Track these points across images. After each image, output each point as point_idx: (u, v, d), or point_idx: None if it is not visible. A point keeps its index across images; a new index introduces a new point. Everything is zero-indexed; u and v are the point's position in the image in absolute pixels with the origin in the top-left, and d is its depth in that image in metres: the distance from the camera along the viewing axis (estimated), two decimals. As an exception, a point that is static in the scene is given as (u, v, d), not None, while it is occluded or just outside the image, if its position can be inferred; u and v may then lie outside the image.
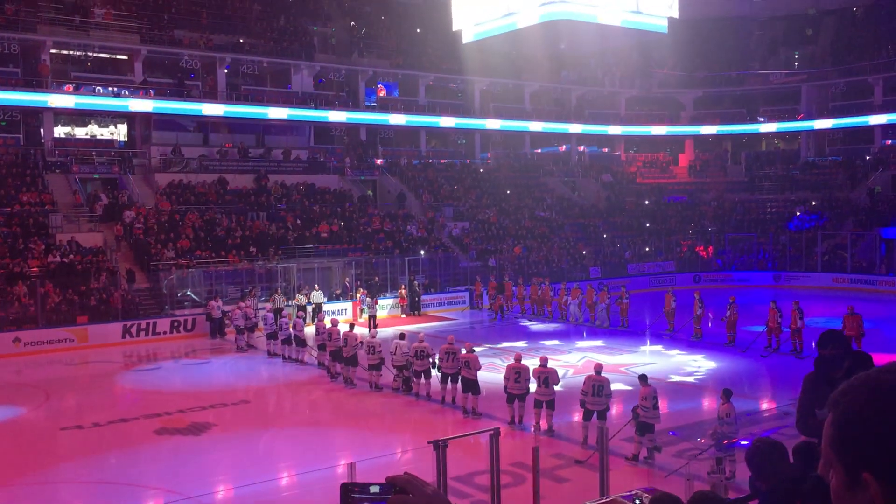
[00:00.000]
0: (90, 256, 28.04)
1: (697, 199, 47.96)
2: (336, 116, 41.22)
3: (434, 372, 17.40)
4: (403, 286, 31.31)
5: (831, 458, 1.29)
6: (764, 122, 51.17)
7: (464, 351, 16.45)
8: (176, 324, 26.68)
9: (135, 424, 16.13)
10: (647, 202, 47.41)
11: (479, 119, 46.38)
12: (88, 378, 21.71)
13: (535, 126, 48.26)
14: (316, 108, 40.63)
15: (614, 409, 15.22)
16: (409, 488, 1.52)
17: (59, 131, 35.65)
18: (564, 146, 51.72)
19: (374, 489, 1.54)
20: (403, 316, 30.45)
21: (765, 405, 17.64)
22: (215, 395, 18.75)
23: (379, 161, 43.02)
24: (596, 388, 13.93)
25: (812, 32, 53.22)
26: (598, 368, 14.46)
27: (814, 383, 4.78)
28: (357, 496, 1.55)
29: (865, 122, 47.00)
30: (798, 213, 43.77)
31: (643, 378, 13.61)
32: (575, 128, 49.57)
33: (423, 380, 17.57)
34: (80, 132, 36.59)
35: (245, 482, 13.00)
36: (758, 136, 53.27)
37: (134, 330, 25.83)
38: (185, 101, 37.01)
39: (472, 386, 16.03)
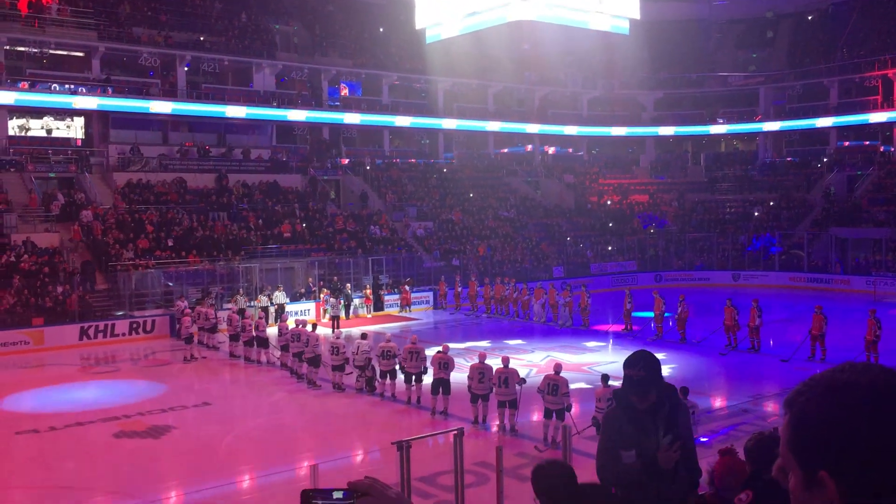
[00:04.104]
0: (46, 257, 27.48)
1: (658, 199, 48.55)
2: (296, 115, 40.82)
3: (399, 374, 17.35)
4: (368, 286, 31.26)
5: (789, 458, 1.31)
6: (723, 122, 51.96)
7: (438, 351, 16.48)
8: (135, 325, 26.26)
9: (92, 428, 15.83)
10: (609, 202, 47.88)
11: (438, 118, 46.32)
12: (44, 381, 21.26)
13: (494, 126, 48.43)
14: (278, 106, 40.29)
15: (577, 408, 15.33)
16: (372, 492, 1.51)
17: (13, 125, 34.75)
18: (529, 146, 51.94)
19: (338, 495, 1.52)
20: (369, 316, 30.39)
21: (724, 402, 17.90)
22: (175, 397, 18.50)
23: (345, 161, 42.80)
24: (551, 387, 14.05)
25: (771, 35, 54.20)
26: (557, 368, 14.56)
27: (616, 420, 4.20)
28: (320, 502, 1.52)
29: (813, 124, 47.96)
30: (756, 225, 44.51)
31: (605, 378, 13.73)
32: (535, 128, 49.83)
33: (388, 380, 17.52)
34: (36, 125, 35.74)
35: (206, 485, 12.85)
36: (717, 137, 54.09)
37: (91, 332, 25.36)
38: (143, 98, 36.50)
39: (446, 386, 16.01)
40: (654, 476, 4.05)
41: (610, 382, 13.59)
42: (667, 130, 52.67)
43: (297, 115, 40.62)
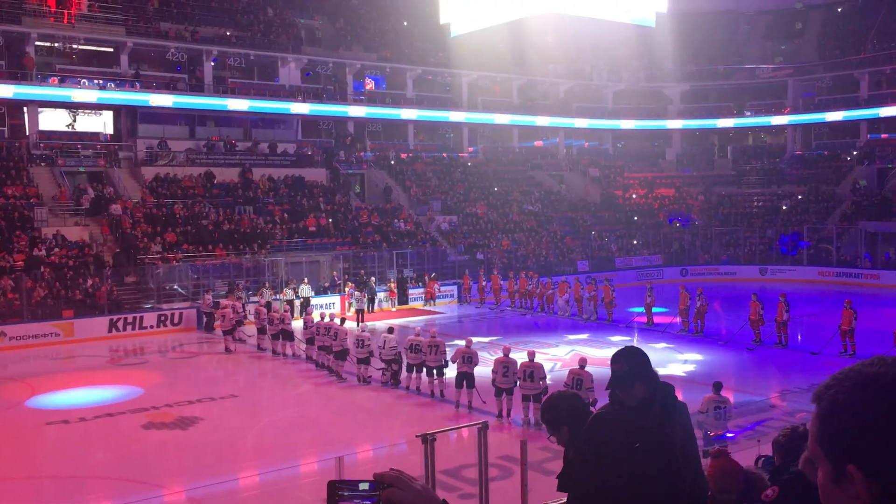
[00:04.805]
0: (76, 251, 27.86)
1: (684, 192, 48.14)
2: (299, 108, 40.54)
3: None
4: (392, 280, 31.37)
5: (817, 452, 1.30)
6: (751, 115, 51.33)
7: (463, 345, 16.53)
8: (163, 318, 26.56)
9: (121, 419, 16.06)
10: (634, 196, 47.56)
11: (447, 111, 46.03)
12: (74, 372, 21.58)
13: (504, 119, 48.17)
14: (303, 101, 40.42)
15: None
16: (398, 484, 1.52)
17: (44, 120, 35.10)
18: (557, 139, 51.71)
19: (364, 486, 1.53)
20: (393, 309, 30.49)
21: (751, 397, 17.74)
22: (203, 389, 18.70)
23: (369, 155, 42.86)
24: (576, 381, 14.02)
25: (800, 26, 53.43)
26: (582, 363, 14.53)
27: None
28: (346, 494, 1.53)
29: (822, 118, 47.15)
30: (783, 219, 43.97)
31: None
32: (545, 120, 49.42)
33: (414, 374, 17.57)
34: (66, 120, 36.15)
35: (232, 476, 12.98)
36: (744, 129, 53.44)
37: (120, 324, 25.70)
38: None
39: (470, 380, 16.04)
40: None
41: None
42: (674, 123, 51.87)
43: (299, 108, 40.39)
